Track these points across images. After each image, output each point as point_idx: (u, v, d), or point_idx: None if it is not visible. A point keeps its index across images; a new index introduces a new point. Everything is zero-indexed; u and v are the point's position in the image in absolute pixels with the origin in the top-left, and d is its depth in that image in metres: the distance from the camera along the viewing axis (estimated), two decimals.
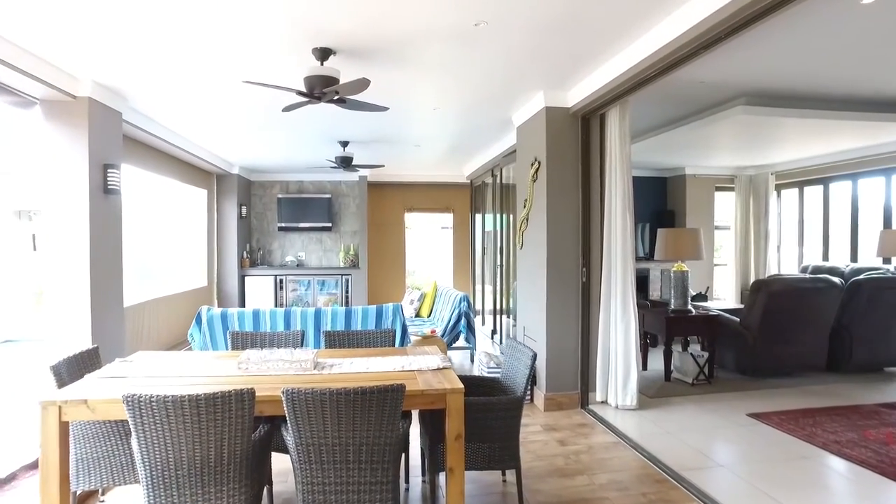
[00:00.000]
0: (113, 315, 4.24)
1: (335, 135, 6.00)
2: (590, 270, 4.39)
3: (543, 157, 4.36)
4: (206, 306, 4.73)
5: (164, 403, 1.88)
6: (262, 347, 3.22)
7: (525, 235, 4.88)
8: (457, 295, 6.08)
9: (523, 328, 4.92)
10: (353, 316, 4.83)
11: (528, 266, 4.80)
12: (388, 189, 9.79)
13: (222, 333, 4.66)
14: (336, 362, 2.74)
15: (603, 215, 4.33)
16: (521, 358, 2.78)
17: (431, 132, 5.87)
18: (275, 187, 9.30)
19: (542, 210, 4.41)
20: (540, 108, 4.37)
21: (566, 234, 4.36)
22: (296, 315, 4.77)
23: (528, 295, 4.79)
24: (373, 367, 2.64)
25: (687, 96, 4.54)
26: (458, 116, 5.10)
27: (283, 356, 2.65)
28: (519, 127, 5.02)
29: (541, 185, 4.44)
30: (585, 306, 4.38)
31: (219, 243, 8.27)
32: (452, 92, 4.30)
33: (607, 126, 4.29)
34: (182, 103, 4.53)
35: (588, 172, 4.38)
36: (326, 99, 3.23)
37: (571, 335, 4.38)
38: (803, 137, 5.92)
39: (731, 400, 4.38)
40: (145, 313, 5.73)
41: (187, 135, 5.83)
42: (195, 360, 2.87)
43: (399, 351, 3.07)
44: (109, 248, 4.20)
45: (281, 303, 8.75)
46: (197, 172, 7.39)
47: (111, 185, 4.09)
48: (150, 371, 2.56)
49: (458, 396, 2.29)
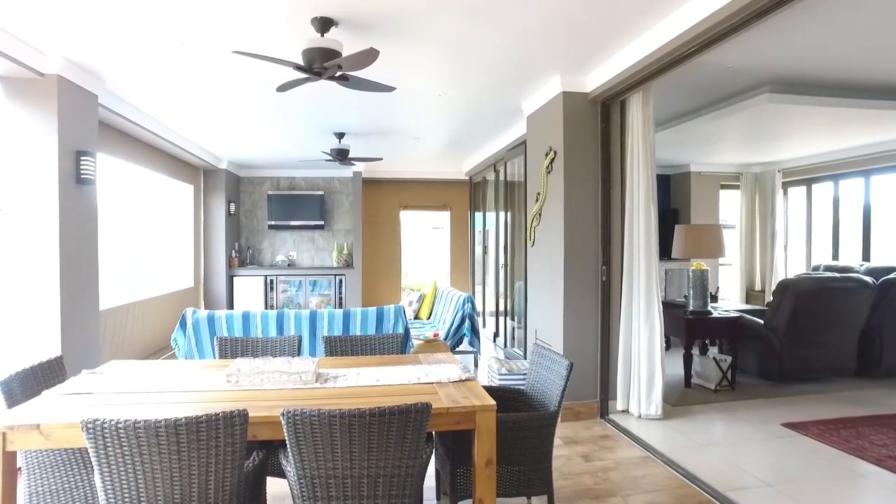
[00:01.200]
0: (87, 319, 3.83)
1: (330, 125, 5.63)
2: (610, 269, 4.07)
3: (560, 146, 4.03)
4: (191, 309, 4.34)
5: (134, 430, 1.51)
6: (255, 356, 2.85)
7: (537, 231, 4.55)
8: (459, 296, 5.73)
9: (535, 331, 4.59)
10: (351, 319, 4.46)
11: (540, 264, 4.47)
12: (383, 186, 9.42)
13: (209, 338, 4.27)
14: (341, 373, 2.38)
15: (624, 209, 4.01)
16: (553, 367, 2.44)
17: (434, 122, 5.53)
18: (265, 184, 8.89)
19: (558, 204, 4.08)
20: (556, 93, 4.04)
21: (585, 230, 4.03)
22: (289, 318, 4.39)
23: (541, 295, 4.46)
24: (384, 380, 2.28)
25: (709, 84, 4.24)
26: (464, 104, 4.75)
27: (279, 367, 2.28)
28: (530, 116, 4.69)
29: (557, 177, 4.11)
30: (605, 307, 4.06)
31: (206, 242, 7.85)
32: (461, 75, 3.96)
33: (629, 113, 3.98)
34: (165, 86, 4.13)
35: (608, 163, 4.06)
36: (327, 75, 2.87)
37: (590, 339, 4.06)
38: (826, 129, 5.66)
39: (760, 408, 4.08)
40: (127, 317, 5.31)
41: (172, 124, 5.42)
42: (176, 371, 2.49)
43: (410, 359, 2.72)
44: (83, 245, 3.79)
45: (271, 304, 8.35)
46: (183, 166, 6.97)
47: (85, 175, 3.68)
48: (123, 385, 2.18)
49: (490, 415, 1.94)
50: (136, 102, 4.58)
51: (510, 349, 6.28)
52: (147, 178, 5.98)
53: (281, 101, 4.58)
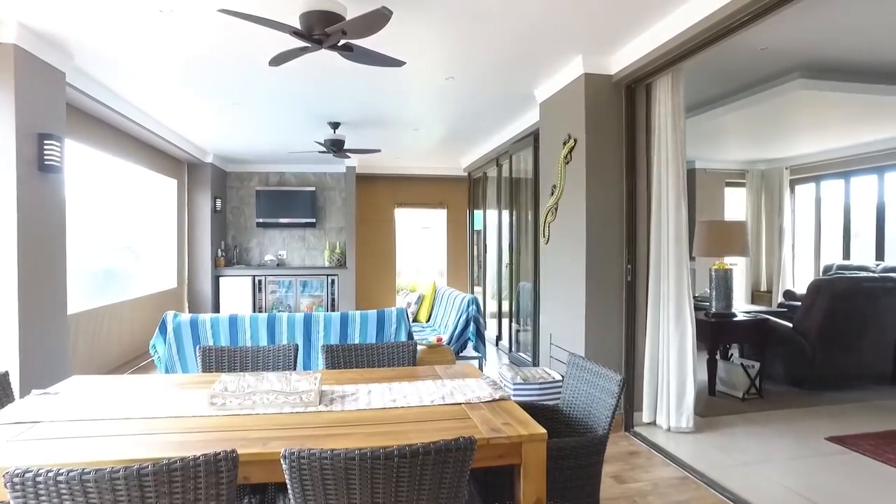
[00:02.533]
0: (52, 325, 3.39)
1: (325, 113, 5.23)
2: (635, 268, 3.73)
3: (581, 133, 3.68)
4: (171, 312, 3.91)
5: (80, 483, 1.11)
6: (244, 368, 2.45)
7: (552, 228, 4.19)
8: (463, 297, 5.36)
9: (549, 335, 4.23)
10: (349, 323, 4.06)
11: (557, 263, 4.12)
12: (378, 182, 9.01)
13: (192, 345, 3.85)
14: (348, 392, 1.99)
15: (650, 203, 3.67)
16: (598, 382, 2.08)
17: (437, 111, 5.15)
18: (253, 179, 8.44)
19: (578, 196, 3.73)
20: (577, 75, 3.69)
21: (608, 225, 3.68)
22: (281, 322, 3.98)
23: (557, 297, 4.10)
24: (401, 400, 1.90)
25: (737, 68, 3.92)
26: (472, 89, 4.38)
27: (274, 385, 1.89)
28: (544, 102, 4.33)
29: (577, 168, 3.75)
30: (630, 310, 3.71)
31: (190, 240, 7.38)
32: (473, 55, 3.59)
33: (655, 98, 3.64)
34: (142, 63, 3.70)
35: (633, 152, 3.71)
36: (329, 43, 2.48)
37: (613, 344, 3.71)
38: (859, 119, 5.36)
39: (797, 419, 3.76)
40: (101, 321, 4.85)
41: (152, 111, 4.97)
42: (149, 390, 2.08)
43: (426, 372, 2.34)
44: (48, 241, 3.35)
45: (260, 306, 7.90)
46: (166, 159, 6.51)
47: (49, 161, 3.25)
48: (79, 411, 1.77)
49: (540, 447, 1.57)
50: (111, 83, 4.14)
51: (515, 354, 5.92)
52: (126, 170, 5.52)
53: (272, 84, 4.17)
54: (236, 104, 4.76)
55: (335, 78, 4.06)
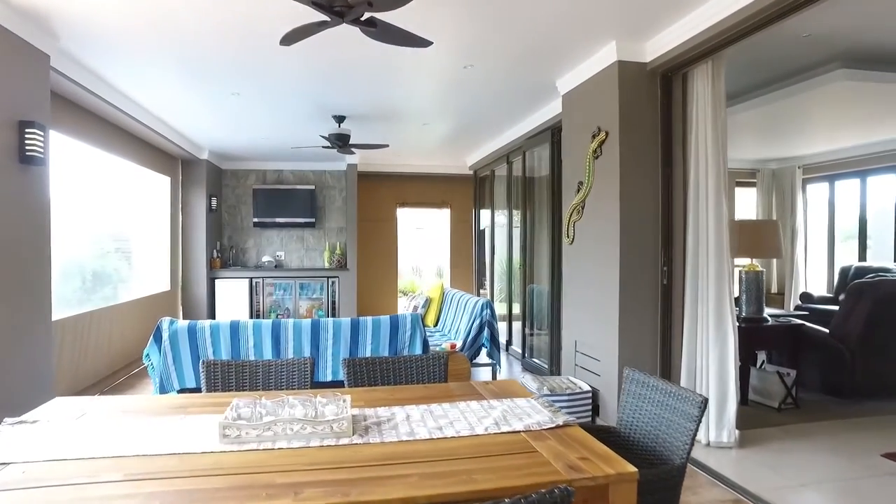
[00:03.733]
0: (34, 333, 3.06)
1: (329, 106, 4.93)
2: (671, 270, 3.46)
3: (614, 125, 3.41)
4: (167, 318, 3.59)
5: None
6: (254, 386, 2.15)
7: (577, 227, 3.92)
8: (476, 301, 5.07)
9: (574, 342, 3.96)
10: (361, 329, 3.77)
11: (583, 265, 3.85)
12: (379, 181, 8.69)
13: (189, 353, 3.53)
14: (383, 416, 1.69)
15: (687, 200, 3.41)
16: (669, 402, 1.80)
17: (450, 103, 4.86)
18: (250, 177, 8.11)
19: (610, 194, 3.46)
20: (610, 62, 3.42)
21: (643, 224, 3.42)
22: (286, 329, 3.67)
23: (584, 301, 3.83)
24: (448, 427, 1.61)
25: (774, 58, 3.68)
26: (490, 80, 4.10)
27: (297, 410, 1.59)
28: (567, 94, 4.06)
29: (609, 162, 3.49)
30: (666, 315, 3.45)
31: (184, 240, 7.04)
32: (494, 42, 3.32)
33: (692, 88, 3.38)
34: (134, 46, 3.38)
35: (669, 146, 3.45)
36: (351, 17, 2.19)
37: (647, 352, 3.44)
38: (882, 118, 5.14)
39: (843, 433, 3.51)
40: (90, 327, 4.50)
41: (145, 101, 4.64)
42: (146, 415, 1.77)
43: (465, 390, 2.04)
44: (29, 240, 3.03)
45: (257, 310, 7.57)
46: (159, 155, 6.17)
47: (31, 151, 2.92)
48: (62, 447, 1.46)
49: (630, 489, 1.29)
50: (99, 69, 3.81)
51: (529, 360, 5.64)
52: (116, 166, 5.18)
53: (276, 73, 3.87)
54: (236, 94, 4.45)
55: (345, 67, 3.77)
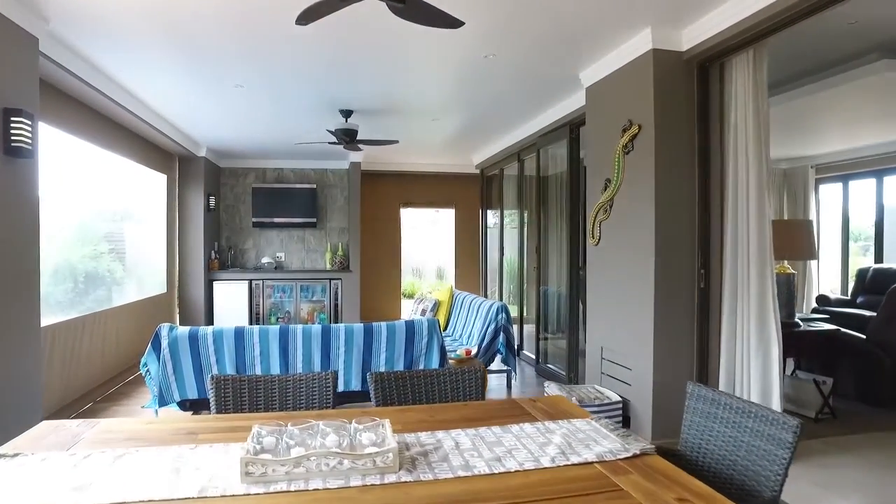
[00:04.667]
0: (21, 340, 2.79)
1: (337, 100, 4.68)
2: (709, 273, 3.24)
3: (649, 118, 3.19)
4: (166, 324, 3.33)
5: None
6: (270, 406, 1.90)
7: (604, 227, 3.70)
8: (490, 305, 4.84)
9: (600, 349, 3.74)
10: (374, 335, 3.52)
11: (610, 267, 3.62)
12: (383, 180, 8.44)
13: (191, 362, 3.27)
14: (427, 443, 1.45)
15: (724, 198, 3.20)
16: (754, 425, 1.58)
17: (466, 96, 4.62)
18: (248, 175, 7.84)
19: (643, 191, 3.24)
20: (644, 51, 3.20)
21: (679, 224, 3.20)
22: (294, 335, 3.42)
23: (612, 305, 3.61)
24: (509, 458, 1.37)
25: (812, 47, 3.48)
26: (511, 70, 3.86)
27: (329, 439, 1.35)
28: (592, 87, 3.84)
29: (641, 158, 3.27)
30: (703, 321, 3.23)
31: (181, 241, 6.75)
32: (519, 28, 3.09)
33: (731, 78, 3.16)
34: (132, 31, 3.13)
35: (706, 140, 3.24)
36: None
37: (684, 360, 3.22)
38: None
39: (889, 445, 3.30)
40: (83, 332, 4.23)
41: (142, 93, 4.37)
42: (149, 445, 1.52)
43: (509, 408, 1.81)
44: (15, 240, 2.76)
45: (257, 313, 7.29)
46: (154, 152, 5.89)
47: (17, 142, 2.66)
48: (49, 492, 1.20)
49: None
50: (92, 55, 3.55)
51: (543, 365, 5.41)
52: (110, 162, 4.90)
53: (283, 64, 3.62)
54: (240, 86, 4.19)
55: (356, 56, 3.53)
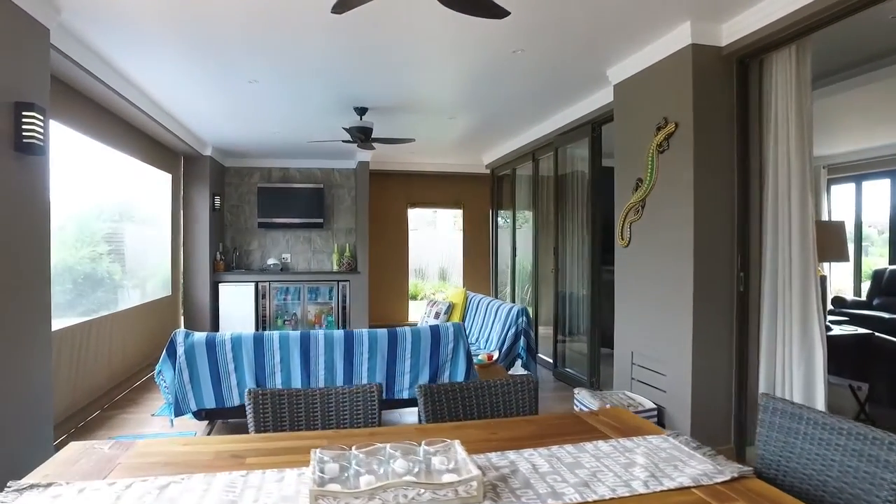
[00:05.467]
0: (32, 345, 2.64)
1: (351, 97, 4.54)
2: (748, 276, 3.13)
3: (687, 116, 3.07)
4: (182, 330, 3.18)
5: None
6: (312, 423, 1.76)
7: (635, 228, 3.58)
8: (510, 308, 4.71)
9: (630, 354, 3.62)
10: (400, 341, 3.39)
11: (642, 269, 3.51)
12: (389, 180, 8.30)
13: (208, 371, 3.13)
14: (501, 465, 1.32)
15: (764, 198, 3.09)
16: (842, 442, 1.45)
17: (487, 94, 4.48)
18: (254, 175, 7.68)
19: (681, 191, 3.12)
20: (682, 45, 3.08)
21: (717, 225, 3.09)
22: (317, 341, 3.29)
23: (644, 309, 3.49)
24: (598, 484, 1.24)
25: (849, 43, 3.38)
26: (538, 66, 3.74)
27: (398, 464, 1.21)
28: (621, 84, 3.72)
29: (679, 157, 3.15)
30: (742, 326, 3.12)
31: (186, 242, 6.59)
32: (551, 22, 2.97)
33: (771, 75, 3.05)
34: (146, 25, 2.98)
35: (745, 138, 3.13)
36: None
37: (721, 367, 3.11)
38: None
39: None
40: (89, 337, 4.07)
41: (151, 89, 4.22)
42: (192, 470, 1.38)
43: (579, 426, 1.68)
44: (26, 241, 2.61)
45: (263, 316, 7.13)
46: (160, 150, 5.73)
47: (29, 138, 2.51)
48: None
49: None
50: (103, 49, 3.40)
51: (561, 369, 5.29)
52: (115, 160, 4.74)
53: (300, 58, 3.48)
54: (254, 82, 4.04)
55: (378, 52, 3.40)
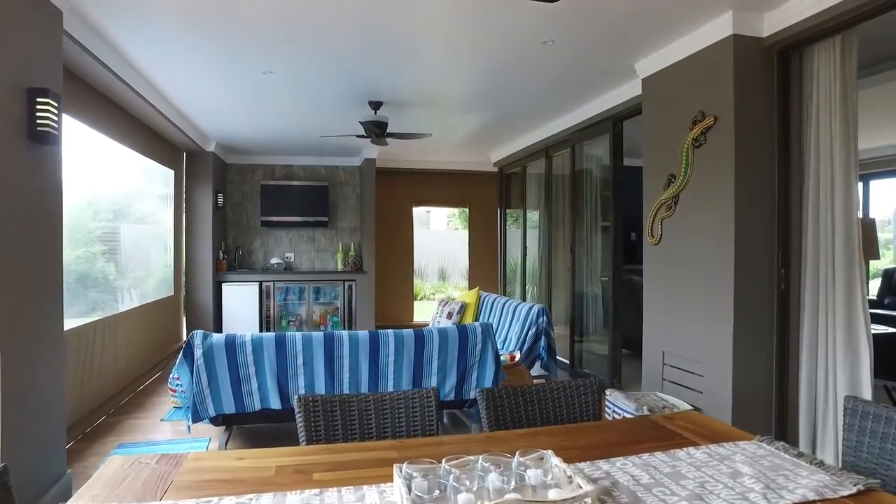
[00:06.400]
0: (46, 346, 2.47)
1: (367, 90, 4.41)
2: (789, 274, 3.04)
3: (727, 109, 2.97)
4: (199, 332, 3.02)
5: None
6: (367, 431, 1.62)
7: (666, 225, 3.48)
8: (530, 307, 4.59)
9: (661, 354, 3.52)
10: (426, 342, 3.25)
11: (674, 268, 3.41)
12: (394, 178, 8.11)
13: (228, 374, 2.97)
14: (599, 477, 1.20)
15: (804, 194, 2.99)
16: None
17: (502, 89, 4.36)
18: (256, 172, 7.50)
19: (721, 186, 3.02)
20: (723, 36, 2.98)
21: (757, 221, 2.99)
22: (341, 342, 3.14)
23: (676, 308, 3.39)
24: (712, 497, 1.12)
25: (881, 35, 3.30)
26: (564, 58, 3.62)
27: (491, 478, 1.08)
28: (652, 77, 3.61)
29: (718, 152, 3.05)
30: (783, 326, 3.02)
31: (188, 240, 6.40)
32: (585, 10, 2.85)
33: (813, 67, 2.95)
34: (163, 7, 2.82)
35: (786, 132, 3.03)
36: None
37: (762, 368, 3.01)
38: None
39: None
40: (95, 338, 3.89)
41: (161, 79, 4.05)
42: (259, 490, 1.23)
43: (658, 431, 1.56)
44: (39, 237, 2.45)
45: (268, 317, 6.96)
46: (163, 146, 5.54)
47: (43, 126, 2.34)
48: None
49: None
50: (117, 37, 3.23)
51: (578, 370, 5.18)
52: (117, 154, 4.56)
53: (320, 48, 3.34)
54: (269, 73, 3.89)
55: (401, 42, 3.28)
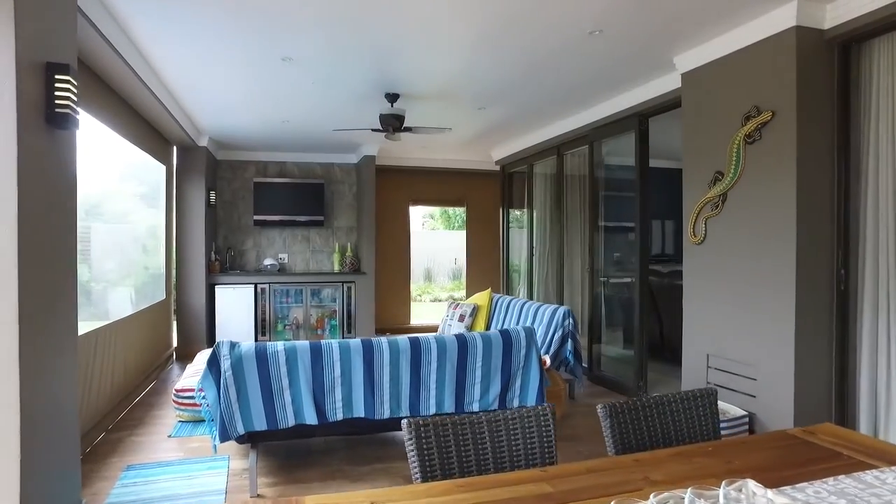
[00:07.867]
0: (60, 352, 2.16)
1: (386, 82, 4.17)
2: (848, 274, 2.96)
3: (787, 104, 2.87)
4: (227, 340, 2.73)
5: None
6: (483, 457, 1.41)
7: (710, 224, 3.37)
8: (555, 309, 4.44)
9: (705, 356, 3.41)
10: (469, 348, 3.05)
11: (720, 267, 3.30)
12: (391, 176, 7.80)
13: (259, 387, 2.69)
14: None
15: (864, 192, 2.93)
16: None
17: (528, 82, 4.19)
18: (248, 169, 7.14)
19: (779, 184, 2.92)
20: (785, 27, 2.88)
21: (818, 220, 2.91)
22: (381, 349, 2.90)
23: (724, 309, 3.29)
24: None
25: None
26: (605, 50, 3.46)
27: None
28: (694, 71, 3.50)
29: (776, 148, 2.95)
30: (842, 327, 2.95)
31: (179, 241, 6.00)
32: None
33: (873, 60, 2.89)
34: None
35: (846, 128, 2.96)
36: None
37: (821, 371, 2.93)
38: None
39: None
40: (96, 347, 3.52)
41: (167, 65, 3.71)
42: None
43: (799, 446, 1.40)
44: (54, 231, 2.13)
45: (262, 321, 6.60)
46: (155, 138, 5.15)
47: (63, 107, 2.03)
48: None
49: None
50: (129, 17, 2.91)
51: (598, 373, 5.06)
52: (113, 146, 4.18)
53: (341, 32, 3.09)
54: (287, 60, 3.61)
55: (424, 32, 3.07)
